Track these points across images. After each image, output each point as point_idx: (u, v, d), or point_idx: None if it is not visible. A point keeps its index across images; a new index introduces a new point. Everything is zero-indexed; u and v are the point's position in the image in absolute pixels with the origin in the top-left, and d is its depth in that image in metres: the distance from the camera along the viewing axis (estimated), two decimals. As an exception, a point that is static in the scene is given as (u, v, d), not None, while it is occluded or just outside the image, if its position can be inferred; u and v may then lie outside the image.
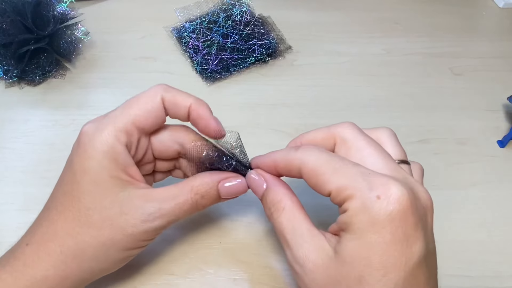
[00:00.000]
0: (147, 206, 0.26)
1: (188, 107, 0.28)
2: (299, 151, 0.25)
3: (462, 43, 0.54)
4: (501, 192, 0.39)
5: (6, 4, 0.43)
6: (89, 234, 0.25)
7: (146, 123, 0.27)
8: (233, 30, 0.50)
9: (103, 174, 0.25)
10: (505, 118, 0.45)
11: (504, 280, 0.33)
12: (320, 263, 0.23)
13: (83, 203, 0.25)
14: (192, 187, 0.27)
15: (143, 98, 0.27)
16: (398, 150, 0.27)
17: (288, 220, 0.25)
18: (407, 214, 0.21)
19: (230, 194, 0.28)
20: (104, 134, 0.26)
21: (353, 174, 0.23)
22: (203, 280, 0.32)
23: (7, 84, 0.45)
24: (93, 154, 0.25)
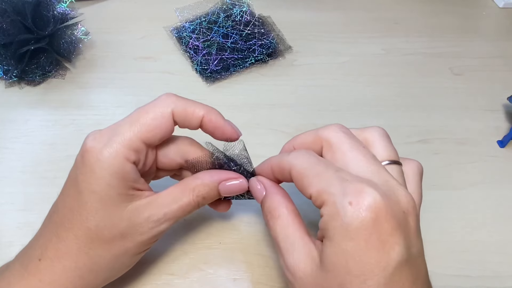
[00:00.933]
0: (154, 214, 0.26)
1: (200, 118, 0.27)
2: (290, 156, 0.26)
3: (462, 43, 0.54)
4: (501, 192, 0.39)
5: (6, 4, 0.43)
6: (102, 249, 0.26)
7: (155, 139, 0.26)
8: (233, 30, 0.50)
9: (111, 193, 0.25)
10: (505, 118, 0.45)
11: (504, 280, 0.33)
12: (309, 271, 0.23)
13: (92, 222, 0.25)
14: (193, 189, 0.27)
15: (152, 111, 0.26)
16: (388, 150, 0.26)
17: (282, 228, 0.25)
18: (380, 220, 0.21)
19: (230, 193, 0.29)
20: (113, 154, 0.25)
21: (332, 178, 0.23)
22: (203, 280, 0.32)
23: (7, 84, 0.45)
24: (102, 175, 0.25)
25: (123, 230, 0.26)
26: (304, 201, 0.27)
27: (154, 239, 0.27)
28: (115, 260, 0.27)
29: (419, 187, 0.28)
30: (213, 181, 0.28)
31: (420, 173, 0.28)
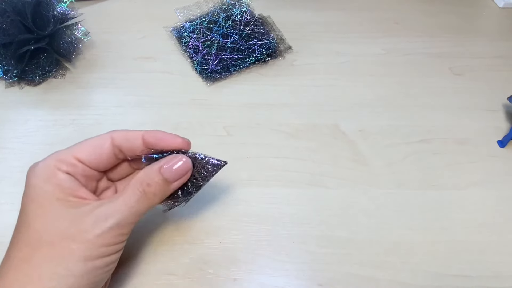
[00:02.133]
0: (96, 211, 0.26)
1: (141, 136, 0.29)
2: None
3: (462, 43, 0.54)
4: (501, 192, 0.39)
5: (6, 4, 0.43)
6: (42, 253, 0.25)
7: (89, 157, 0.28)
8: (233, 30, 0.50)
9: (49, 198, 0.26)
10: (505, 118, 0.45)
11: (504, 280, 0.33)
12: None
13: (32, 228, 0.25)
14: (137, 180, 0.28)
15: (92, 138, 0.29)
16: None
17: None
18: None
19: (175, 175, 0.28)
20: (44, 164, 0.27)
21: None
22: (203, 280, 0.32)
23: (7, 84, 0.45)
24: (36, 182, 0.26)
25: (64, 231, 0.25)
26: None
27: (103, 240, 0.25)
28: (59, 266, 0.24)
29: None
30: (154, 166, 0.28)
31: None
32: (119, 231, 0.26)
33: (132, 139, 0.29)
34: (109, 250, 0.26)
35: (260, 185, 0.38)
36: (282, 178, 0.39)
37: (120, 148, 0.29)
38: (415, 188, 0.39)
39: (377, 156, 0.41)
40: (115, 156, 0.30)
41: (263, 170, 0.39)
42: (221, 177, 0.38)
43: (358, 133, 0.43)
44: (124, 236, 0.27)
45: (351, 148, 0.42)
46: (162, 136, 0.29)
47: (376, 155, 0.41)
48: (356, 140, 0.42)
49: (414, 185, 0.39)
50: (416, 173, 0.40)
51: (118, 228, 0.26)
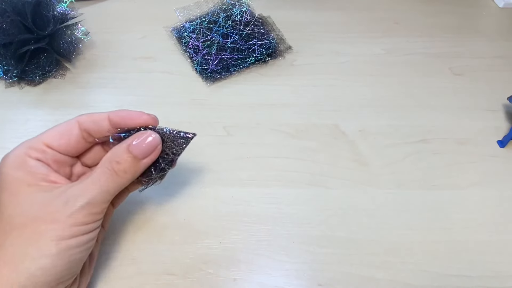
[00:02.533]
0: (67, 192, 0.26)
1: (106, 116, 0.29)
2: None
3: (462, 43, 0.54)
4: (501, 192, 0.39)
5: (6, 4, 0.43)
6: (13, 236, 0.25)
7: (58, 142, 0.29)
8: (233, 30, 0.50)
9: (20, 185, 0.26)
10: (505, 118, 0.45)
11: (504, 280, 0.33)
12: None
13: (5, 214, 0.26)
14: (106, 158, 0.28)
15: (60, 124, 0.30)
16: None
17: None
18: None
19: (144, 152, 0.28)
20: (14, 152, 0.28)
21: None
22: (203, 280, 0.32)
23: (7, 84, 0.45)
24: (6, 172, 0.27)
25: (34, 213, 0.25)
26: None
27: (76, 220, 0.26)
28: (31, 247, 0.24)
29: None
30: (122, 144, 0.28)
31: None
32: (90, 210, 0.26)
33: (98, 121, 0.29)
34: (82, 230, 0.26)
35: (260, 185, 0.38)
36: (282, 178, 0.39)
37: (88, 131, 0.30)
38: (415, 188, 0.39)
39: (377, 156, 0.41)
40: (85, 140, 0.30)
41: (263, 170, 0.39)
42: (221, 177, 0.38)
43: (358, 133, 0.43)
44: (97, 216, 0.27)
45: (351, 148, 0.42)
46: (128, 114, 0.29)
47: (376, 155, 0.41)
48: (356, 140, 0.42)
49: (414, 185, 0.39)
50: (416, 173, 0.40)
51: (89, 207, 0.26)
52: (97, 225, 0.27)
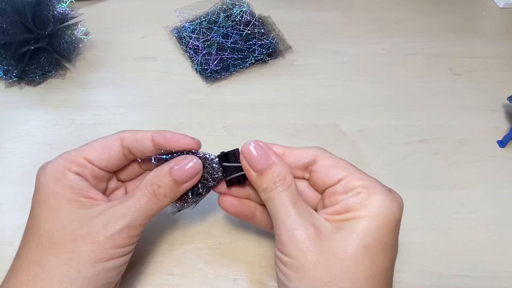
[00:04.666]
0: (107, 212, 0.26)
1: (150, 136, 0.29)
2: (315, 148, 0.29)
3: (462, 43, 0.54)
4: (501, 192, 0.39)
5: (6, 4, 0.43)
6: (52, 254, 0.25)
7: (99, 157, 0.28)
8: (233, 30, 0.50)
9: (59, 199, 0.26)
10: (505, 118, 0.45)
11: (503, 280, 0.33)
12: (324, 233, 0.25)
13: (43, 229, 0.25)
14: (147, 181, 0.27)
15: (102, 138, 0.29)
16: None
17: (293, 196, 0.26)
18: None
19: (185, 177, 0.28)
20: (54, 164, 0.27)
21: (358, 171, 0.27)
22: (203, 280, 0.32)
23: (7, 84, 0.45)
24: (45, 184, 0.26)
25: (74, 232, 0.25)
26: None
27: (113, 242, 0.25)
28: (70, 267, 0.24)
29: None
30: (164, 167, 0.28)
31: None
32: (129, 232, 0.26)
33: (142, 140, 0.29)
34: (119, 252, 0.26)
35: (260, 185, 0.38)
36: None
37: (129, 149, 0.29)
38: (415, 188, 0.39)
39: (377, 156, 0.41)
40: (125, 157, 0.29)
41: (263, 170, 0.39)
42: (221, 177, 0.38)
43: (358, 133, 0.43)
44: (135, 238, 0.27)
45: (351, 148, 0.42)
46: (172, 136, 0.29)
47: (376, 155, 0.41)
48: (356, 140, 0.42)
49: (414, 185, 0.39)
50: (416, 173, 0.40)
51: (128, 229, 0.26)
52: (133, 248, 0.27)
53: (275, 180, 0.26)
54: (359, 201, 0.25)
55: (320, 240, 0.24)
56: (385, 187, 0.26)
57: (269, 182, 0.26)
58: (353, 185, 0.26)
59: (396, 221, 0.25)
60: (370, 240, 0.24)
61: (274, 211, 0.26)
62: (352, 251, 0.24)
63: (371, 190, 0.26)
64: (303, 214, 0.25)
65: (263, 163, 0.27)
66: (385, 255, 0.25)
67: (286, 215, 0.25)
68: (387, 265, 0.25)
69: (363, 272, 0.24)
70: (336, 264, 0.24)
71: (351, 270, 0.24)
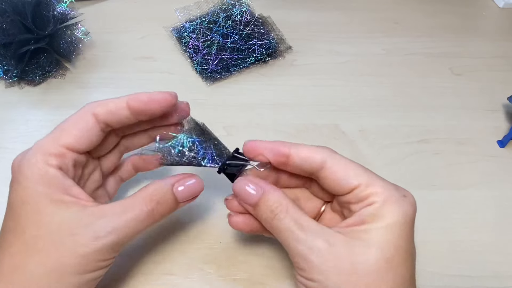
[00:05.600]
0: (97, 223, 0.24)
1: (125, 104, 0.27)
2: (323, 150, 0.27)
3: (462, 43, 0.54)
4: (501, 192, 0.39)
5: (6, 4, 0.43)
6: (36, 262, 0.23)
7: (79, 141, 0.26)
8: (233, 30, 0.50)
9: (43, 201, 0.24)
10: (505, 118, 0.45)
11: (504, 280, 0.33)
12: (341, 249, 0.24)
13: (28, 234, 0.24)
14: (146, 195, 0.26)
15: (72, 118, 0.27)
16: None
17: (296, 219, 0.25)
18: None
19: (187, 196, 0.28)
20: (31, 160, 0.25)
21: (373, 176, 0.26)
22: (203, 280, 0.32)
23: (7, 84, 0.45)
24: (25, 184, 0.24)
25: (61, 239, 0.24)
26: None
27: (101, 256, 0.24)
28: (53, 277, 0.23)
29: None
30: (167, 183, 0.27)
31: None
32: (117, 247, 0.25)
33: (116, 110, 0.27)
34: (103, 264, 0.25)
35: (260, 185, 0.38)
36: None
37: (105, 122, 0.27)
38: (415, 188, 0.38)
39: (377, 156, 0.41)
40: (102, 131, 0.28)
41: (263, 170, 0.39)
42: (221, 177, 0.38)
43: (358, 133, 0.43)
44: (118, 252, 0.26)
45: (351, 148, 0.42)
46: (149, 97, 0.27)
47: (376, 155, 0.41)
48: (356, 140, 0.42)
49: (414, 185, 0.39)
50: (416, 173, 0.40)
51: (117, 245, 0.25)
52: (113, 260, 0.26)
53: (271, 208, 0.26)
54: (375, 212, 0.24)
55: (338, 257, 0.24)
56: (399, 191, 0.25)
57: (267, 212, 0.26)
58: (367, 194, 0.25)
59: (412, 223, 0.25)
60: (392, 252, 0.23)
61: (282, 239, 0.25)
62: (375, 266, 0.23)
63: (386, 198, 0.25)
64: (313, 234, 0.24)
65: (254, 196, 0.26)
66: (407, 264, 0.24)
67: (297, 242, 0.24)
68: (410, 273, 0.24)
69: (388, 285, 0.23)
70: (360, 280, 0.23)
71: (376, 285, 0.23)
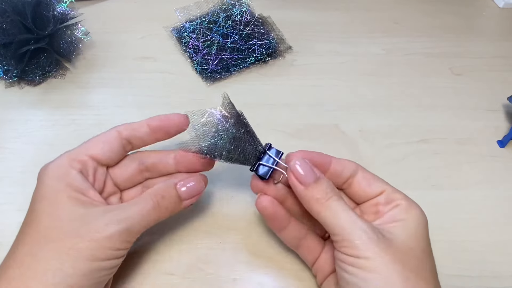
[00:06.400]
0: (108, 214, 0.26)
1: (145, 123, 0.31)
2: (354, 163, 0.31)
3: (462, 43, 0.54)
4: (501, 192, 0.39)
5: (6, 4, 0.43)
6: (49, 248, 0.24)
7: (102, 151, 0.29)
8: (233, 30, 0.50)
9: (60, 196, 0.26)
10: (505, 118, 0.45)
11: (504, 280, 0.33)
12: (387, 236, 0.26)
13: (42, 224, 0.25)
14: (152, 191, 0.29)
15: (99, 135, 0.30)
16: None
17: (345, 206, 0.27)
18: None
19: (189, 194, 0.30)
20: (57, 162, 0.28)
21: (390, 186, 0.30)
22: (203, 280, 0.32)
23: (7, 84, 0.45)
24: (47, 182, 0.27)
25: (74, 229, 0.25)
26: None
27: (112, 243, 0.25)
28: (66, 262, 0.24)
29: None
30: (170, 181, 0.30)
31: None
32: (126, 237, 0.26)
33: (138, 128, 0.31)
34: (114, 254, 0.26)
35: (260, 185, 0.38)
36: (282, 178, 0.39)
37: (128, 139, 0.31)
38: (415, 188, 0.39)
39: (377, 156, 0.41)
40: (123, 148, 0.31)
41: (263, 170, 0.39)
42: (221, 177, 0.38)
43: (358, 133, 0.43)
44: (129, 244, 0.27)
45: (351, 148, 0.42)
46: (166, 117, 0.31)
47: (376, 155, 0.41)
48: (356, 140, 0.42)
49: (414, 185, 0.39)
50: (416, 173, 0.40)
51: (126, 233, 0.26)
52: (125, 253, 0.27)
53: (326, 191, 0.27)
54: (403, 212, 0.27)
55: (386, 241, 0.25)
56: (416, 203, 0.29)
57: (322, 193, 0.27)
58: (394, 197, 0.28)
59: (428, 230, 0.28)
60: (424, 244, 0.27)
61: (335, 218, 0.27)
62: (415, 253, 0.26)
63: (409, 202, 0.28)
64: (362, 219, 0.26)
65: (312, 177, 0.28)
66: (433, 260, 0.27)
67: (352, 221, 0.26)
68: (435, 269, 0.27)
69: (430, 268, 0.26)
70: (409, 261, 0.25)
71: (420, 268, 0.25)
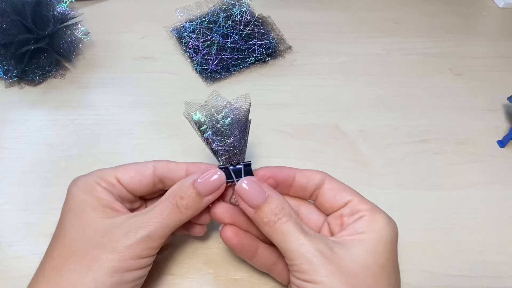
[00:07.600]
0: (128, 222, 0.26)
1: (185, 167, 0.30)
2: (321, 172, 0.30)
3: (462, 43, 0.54)
4: (501, 192, 0.39)
5: (6, 4, 0.43)
6: (72, 262, 0.25)
7: (130, 179, 0.29)
8: (233, 30, 0.50)
9: (86, 208, 0.27)
10: (505, 118, 0.45)
11: (504, 280, 0.33)
12: (342, 254, 0.25)
13: (68, 237, 0.26)
14: (170, 193, 0.28)
15: (136, 162, 0.30)
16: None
17: (299, 223, 0.26)
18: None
19: (208, 189, 0.28)
20: (86, 177, 0.28)
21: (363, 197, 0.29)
22: (203, 280, 0.32)
23: (7, 84, 0.45)
24: (76, 194, 0.27)
25: (96, 240, 0.25)
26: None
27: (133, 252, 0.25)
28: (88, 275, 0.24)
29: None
30: (188, 179, 0.28)
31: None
32: (149, 243, 0.26)
33: (175, 170, 0.30)
34: (137, 264, 0.26)
35: (260, 185, 0.38)
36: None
37: (161, 177, 0.30)
38: (415, 188, 0.39)
39: (377, 156, 0.41)
40: (154, 185, 0.30)
41: (263, 170, 0.39)
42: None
43: (358, 133, 0.43)
44: (154, 250, 0.27)
45: (351, 148, 0.42)
46: (205, 167, 0.30)
47: (376, 155, 0.41)
48: (356, 140, 0.42)
49: (414, 185, 0.39)
50: (416, 173, 0.40)
51: (148, 240, 0.26)
52: (151, 261, 0.27)
53: (275, 212, 0.26)
54: (366, 224, 0.27)
55: (339, 261, 0.25)
56: (386, 214, 0.28)
57: (270, 215, 0.26)
58: (359, 208, 0.28)
59: (396, 245, 0.27)
60: (383, 261, 0.26)
61: (283, 242, 0.26)
62: (371, 271, 0.25)
63: (375, 213, 0.27)
64: (314, 239, 0.25)
65: (259, 198, 0.27)
66: (395, 275, 0.27)
67: (300, 244, 0.25)
68: (398, 285, 0.27)
69: (386, 286, 0.25)
70: (360, 283, 0.24)
71: (377, 285, 0.25)
